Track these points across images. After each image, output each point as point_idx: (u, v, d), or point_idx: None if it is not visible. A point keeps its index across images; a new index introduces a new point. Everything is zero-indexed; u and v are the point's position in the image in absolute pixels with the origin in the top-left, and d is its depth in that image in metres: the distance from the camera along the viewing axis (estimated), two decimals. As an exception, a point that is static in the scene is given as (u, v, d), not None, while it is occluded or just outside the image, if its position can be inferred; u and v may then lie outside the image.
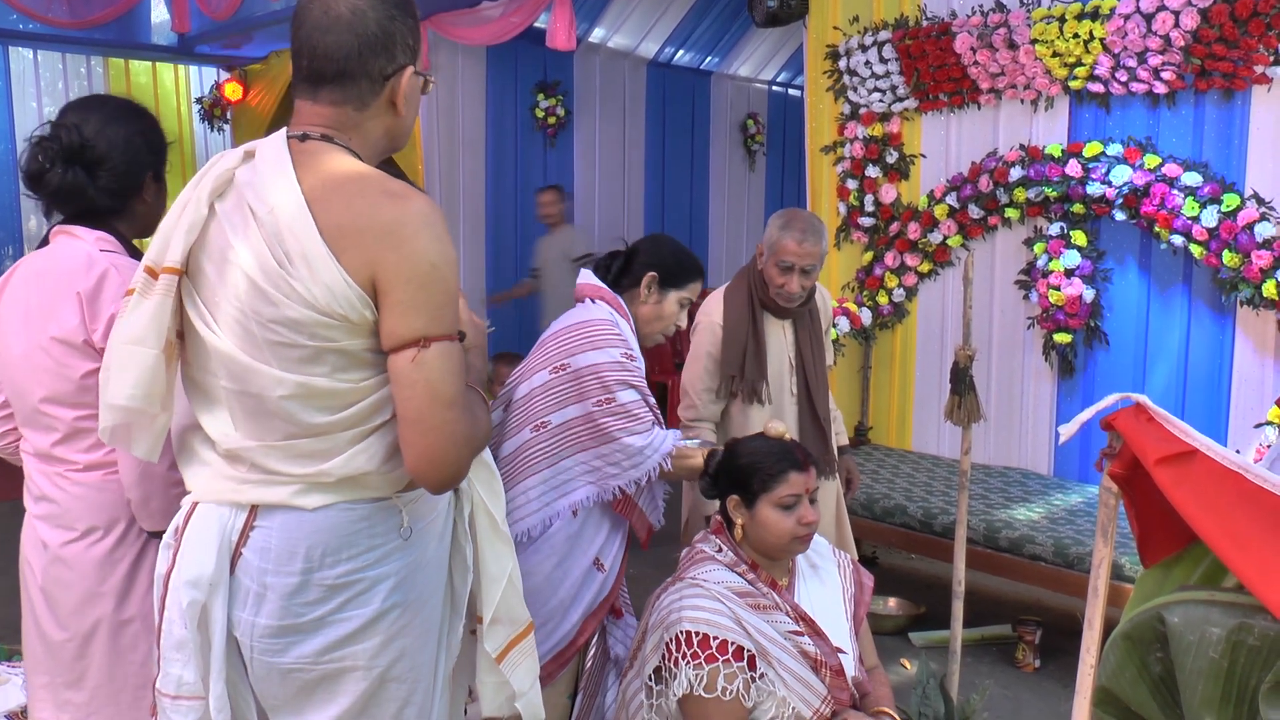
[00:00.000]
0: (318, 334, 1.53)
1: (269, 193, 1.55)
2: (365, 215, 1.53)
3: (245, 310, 1.55)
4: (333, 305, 1.51)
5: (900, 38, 4.81)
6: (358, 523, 1.63)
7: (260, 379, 1.56)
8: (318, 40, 1.61)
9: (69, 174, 1.97)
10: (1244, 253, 3.84)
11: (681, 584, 2.27)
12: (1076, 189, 4.33)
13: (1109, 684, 1.62)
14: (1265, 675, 1.42)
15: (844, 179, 5.21)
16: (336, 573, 1.62)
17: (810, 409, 3.28)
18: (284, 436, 1.59)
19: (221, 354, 1.58)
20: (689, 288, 2.66)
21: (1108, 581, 1.69)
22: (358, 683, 1.66)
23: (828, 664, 2.21)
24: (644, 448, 2.46)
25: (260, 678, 1.68)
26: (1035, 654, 3.96)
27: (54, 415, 1.99)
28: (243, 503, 1.63)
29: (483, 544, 1.83)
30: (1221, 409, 4.12)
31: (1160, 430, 1.51)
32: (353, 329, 1.54)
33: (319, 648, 1.64)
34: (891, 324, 5.18)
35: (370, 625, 1.65)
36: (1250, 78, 3.90)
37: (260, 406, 1.59)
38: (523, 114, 7.64)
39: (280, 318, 1.52)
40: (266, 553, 1.62)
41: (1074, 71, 4.33)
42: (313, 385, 1.55)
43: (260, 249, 1.53)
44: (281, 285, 1.51)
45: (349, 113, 1.65)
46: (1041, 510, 4.14)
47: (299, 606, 1.62)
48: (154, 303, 1.58)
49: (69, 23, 7.12)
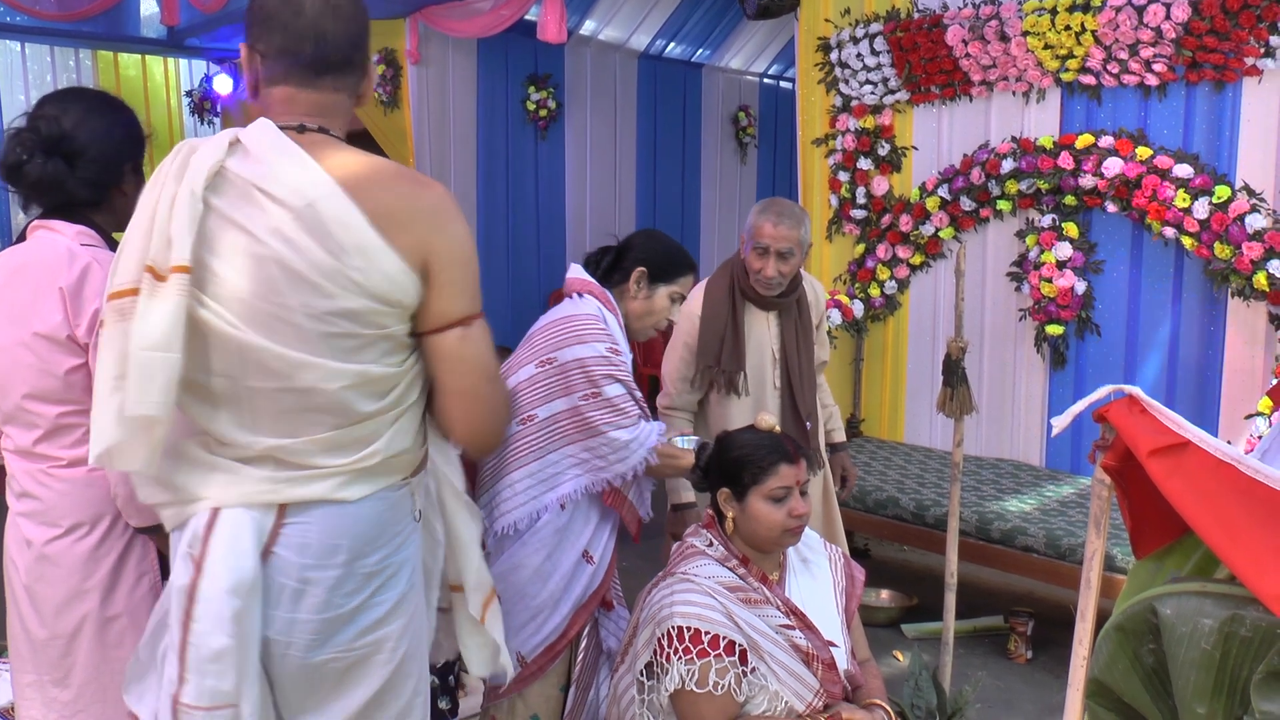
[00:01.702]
0: (373, 322, 1.56)
1: (300, 186, 1.53)
2: (410, 201, 1.58)
3: (288, 305, 1.53)
4: (391, 293, 1.55)
5: (892, 30, 4.80)
6: (389, 511, 1.69)
7: (313, 373, 1.55)
8: (326, 26, 1.62)
9: (49, 165, 1.95)
10: (1235, 244, 3.84)
11: (673, 579, 2.26)
12: (1068, 181, 4.33)
13: (1101, 675, 1.62)
14: (1257, 666, 1.42)
15: (835, 171, 5.20)
16: (373, 560, 1.67)
17: (792, 403, 3.26)
18: (330, 428, 1.60)
19: (253, 351, 1.55)
20: (679, 282, 2.66)
21: (1100, 573, 1.70)
22: (384, 666, 1.71)
23: (819, 657, 2.21)
24: (630, 442, 2.46)
25: (290, 675, 1.66)
26: (1027, 645, 3.97)
27: (37, 412, 1.98)
28: (275, 503, 1.61)
29: (451, 513, 1.88)
30: (1212, 400, 4.13)
31: (1153, 422, 1.51)
32: (402, 314, 1.59)
33: (353, 634, 1.67)
34: (883, 316, 5.18)
35: (396, 608, 1.71)
36: (1241, 69, 3.90)
37: (304, 402, 1.57)
38: (514, 107, 7.62)
39: (337, 309, 1.54)
40: (306, 549, 1.61)
41: (1065, 63, 4.32)
42: (369, 373, 1.59)
43: (303, 242, 1.52)
44: (337, 278, 1.53)
45: (344, 100, 1.67)
46: (1033, 502, 4.15)
47: (341, 597, 1.64)
48: (171, 305, 1.50)
49: (57, 15, 7.07)
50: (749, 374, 3.22)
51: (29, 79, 7.69)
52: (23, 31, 7.45)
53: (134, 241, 1.56)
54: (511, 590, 2.49)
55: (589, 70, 8.00)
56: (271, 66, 1.64)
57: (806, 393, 3.29)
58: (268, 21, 1.63)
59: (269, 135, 1.59)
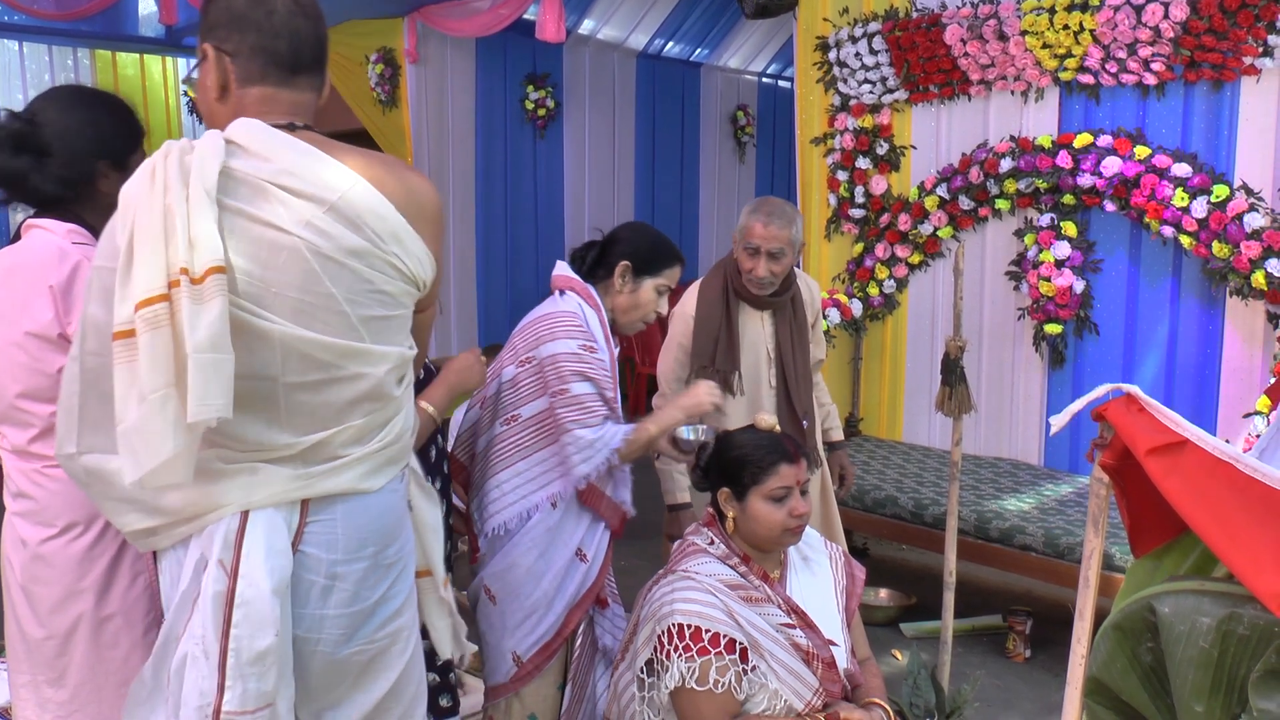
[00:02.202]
0: (403, 303, 1.66)
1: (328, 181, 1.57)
2: (418, 194, 1.67)
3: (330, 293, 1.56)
4: (419, 273, 1.65)
5: (890, 29, 4.80)
6: (400, 501, 1.76)
7: (361, 359, 1.61)
8: (298, 25, 1.65)
9: (14, 162, 1.96)
10: (1233, 243, 3.84)
11: (673, 576, 2.27)
12: (1067, 180, 4.33)
13: (1100, 674, 1.62)
14: (1255, 664, 1.43)
15: (834, 170, 5.20)
16: (393, 551, 1.73)
17: (788, 401, 3.26)
18: (366, 414, 1.64)
19: (296, 345, 1.56)
20: (665, 274, 2.65)
21: (1099, 572, 1.70)
22: (401, 655, 1.76)
23: (819, 656, 2.21)
24: (594, 441, 2.46)
25: (316, 672, 1.68)
26: (1026, 644, 3.97)
27: (30, 411, 1.97)
28: (299, 500, 1.62)
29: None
30: (1211, 399, 4.13)
31: (1151, 421, 1.51)
32: (417, 295, 1.69)
33: (375, 626, 1.71)
34: (882, 315, 5.18)
35: (409, 598, 1.78)
36: (1239, 69, 3.90)
37: (351, 391, 1.61)
38: (512, 106, 7.61)
39: (377, 292, 1.61)
40: (334, 544, 1.64)
41: (1064, 63, 4.33)
42: (404, 355, 1.69)
43: (337, 231, 1.56)
44: (375, 262, 1.59)
45: (314, 100, 1.72)
46: (1032, 501, 4.15)
47: (367, 590, 1.68)
48: (217, 308, 1.47)
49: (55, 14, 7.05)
50: (744, 373, 3.22)
51: (27, 78, 7.68)
52: (21, 30, 7.44)
53: (149, 247, 1.50)
54: (506, 590, 2.49)
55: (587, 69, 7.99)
56: (245, 66, 1.63)
57: (802, 391, 3.29)
58: (238, 22, 1.63)
59: (266, 133, 1.59)
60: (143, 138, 2.11)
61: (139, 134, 2.10)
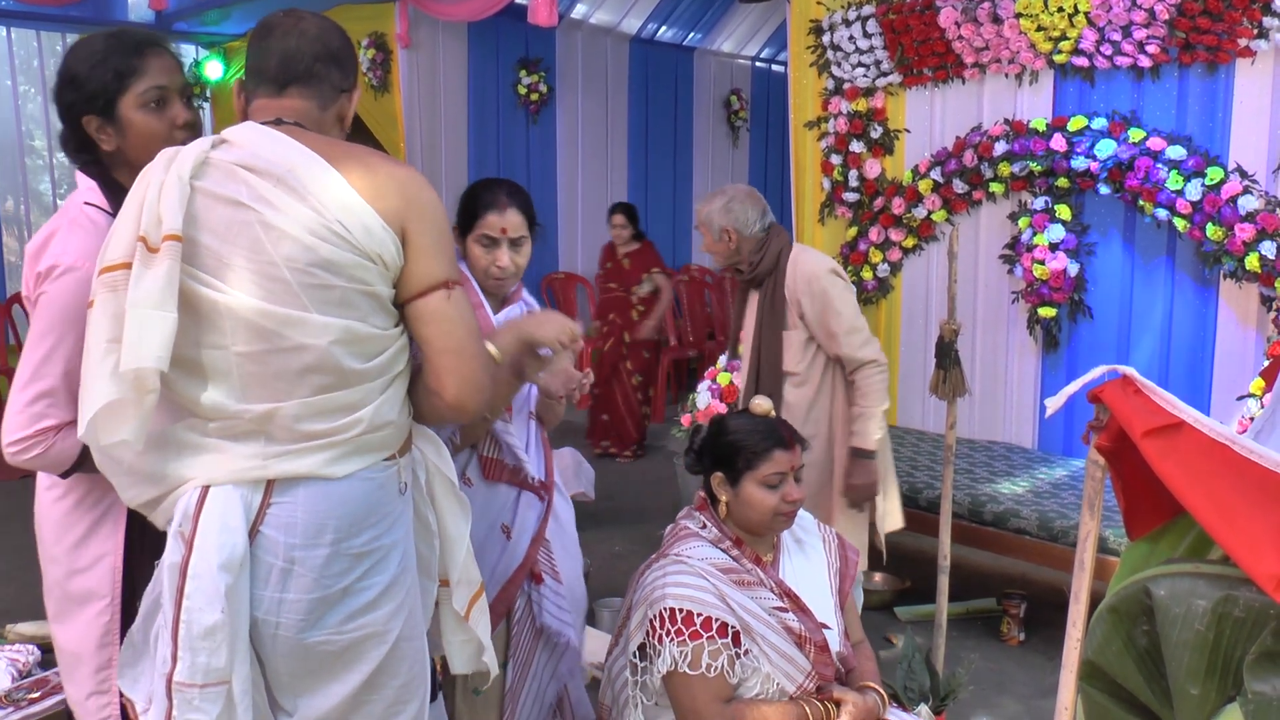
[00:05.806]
0: (355, 276, 1.64)
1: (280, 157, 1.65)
2: (384, 173, 1.69)
3: (272, 260, 1.61)
4: (371, 245, 1.64)
5: (884, 12, 4.79)
6: (376, 491, 1.73)
7: (303, 328, 1.62)
8: (290, 44, 1.78)
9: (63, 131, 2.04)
10: (1227, 226, 3.84)
11: (665, 560, 2.26)
12: (1061, 163, 4.32)
13: (1095, 657, 1.62)
14: (1250, 646, 1.43)
15: (828, 154, 5.19)
16: (361, 541, 1.70)
17: (756, 375, 3.44)
18: (320, 390, 1.65)
19: (241, 313, 1.61)
20: (477, 226, 2.46)
21: (1094, 555, 1.69)
22: (377, 648, 1.74)
23: (812, 639, 2.21)
24: None
25: (282, 655, 1.70)
26: (1020, 627, 3.98)
27: None
28: (263, 479, 1.65)
29: (443, 508, 1.92)
30: (1204, 381, 4.14)
31: (1147, 402, 1.51)
32: (384, 273, 1.67)
33: (342, 617, 1.70)
34: (876, 299, 5.17)
35: (386, 592, 1.74)
36: (1234, 51, 3.89)
37: (294, 361, 1.63)
38: (505, 91, 7.59)
39: (319, 260, 1.62)
40: (293, 528, 1.66)
41: (1058, 45, 4.31)
42: (355, 330, 1.65)
43: (284, 201, 1.62)
44: (319, 230, 1.61)
45: (313, 108, 1.80)
46: (1026, 484, 4.15)
47: (329, 578, 1.68)
48: (164, 268, 1.57)
49: (43, -1, 7.01)
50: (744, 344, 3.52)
51: (15, 63, 7.63)
52: (9, 16, 7.39)
53: (125, 224, 1.64)
54: None
55: (580, 54, 7.97)
56: (249, 87, 1.82)
57: (766, 367, 3.41)
58: (247, 57, 1.84)
59: (250, 129, 1.72)
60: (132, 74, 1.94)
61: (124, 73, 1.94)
